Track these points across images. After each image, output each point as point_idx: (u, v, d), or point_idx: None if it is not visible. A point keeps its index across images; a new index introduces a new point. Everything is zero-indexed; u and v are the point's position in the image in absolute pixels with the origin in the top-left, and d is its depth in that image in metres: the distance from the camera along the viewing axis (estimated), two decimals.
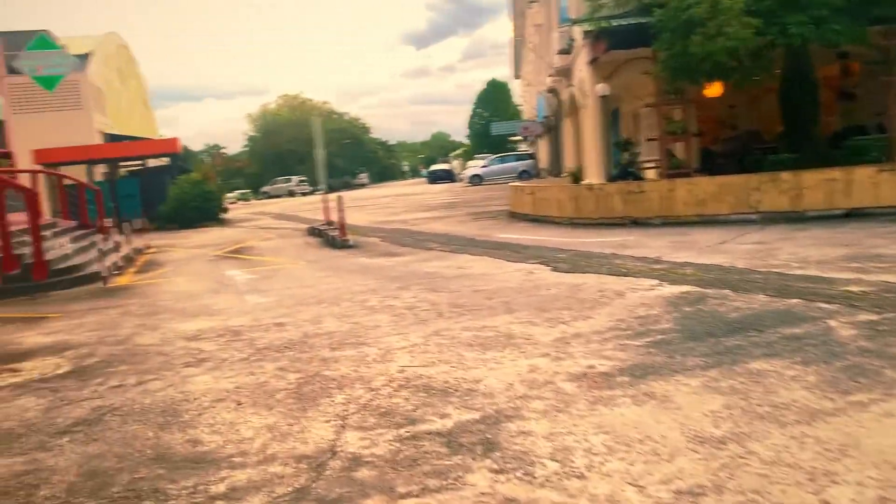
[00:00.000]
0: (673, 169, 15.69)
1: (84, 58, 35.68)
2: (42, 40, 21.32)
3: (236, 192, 65.02)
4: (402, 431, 3.76)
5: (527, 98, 54.33)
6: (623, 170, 16.99)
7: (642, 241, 10.78)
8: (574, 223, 14.05)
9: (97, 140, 32.53)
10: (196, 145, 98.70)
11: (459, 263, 10.02)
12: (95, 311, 8.58)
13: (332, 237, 14.11)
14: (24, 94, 31.01)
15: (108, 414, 4.48)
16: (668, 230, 11.92)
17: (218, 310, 8.00)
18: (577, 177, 23.61)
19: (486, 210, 20.29)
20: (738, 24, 10.44)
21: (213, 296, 9.09)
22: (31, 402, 4.90)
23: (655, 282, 7.32)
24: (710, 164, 18.04)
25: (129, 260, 14.36)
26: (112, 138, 33.93)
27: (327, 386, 4.66)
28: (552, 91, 29.83)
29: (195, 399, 4.63)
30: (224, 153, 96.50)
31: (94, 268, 11.59)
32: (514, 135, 59.51)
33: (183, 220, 24.61)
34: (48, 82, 21.36)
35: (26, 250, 11.18)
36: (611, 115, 19.95)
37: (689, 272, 7.74)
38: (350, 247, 13.39)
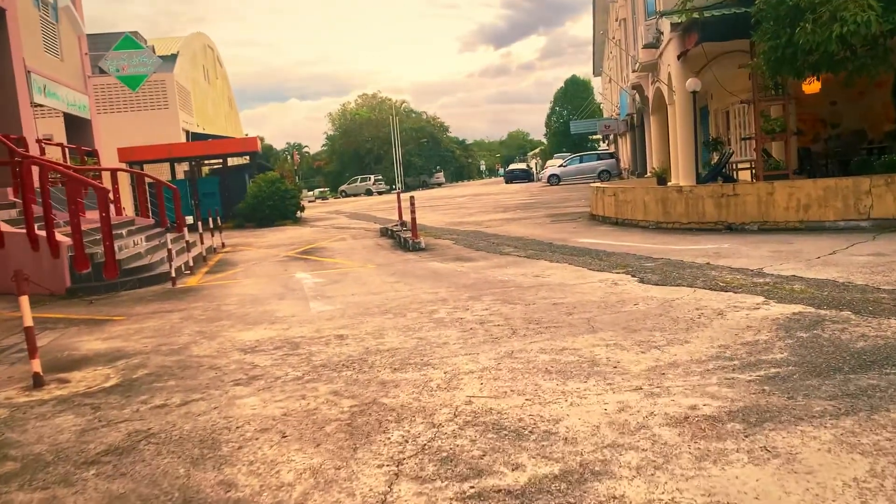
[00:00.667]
0: (770, 170, 14.52)
1: (171, 58, 36.68)
2: (127, 40, 21.78)
3: (316, 191, 66.03)
4: (465, 486, 3.14)
5: (607, 95, 52.84)
6: (714, 170, 15.88)
7: (739, 249, 9.83)
8: (661, 228, 13.12)
9: (182, 139, 33.31)
10: (280, 144, 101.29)
11: (536, 271, 9.34)
12: (158, 315, 8.32)
13: (404, 239, 13.64)
14: (113, 93, 32.06)
15: (144, 441, 4.04)
16: (768, 237, 10.88)
17: (280, 317, 7.59)
18: (662, 177, 22.49)
19: (564, 212, 19.48)
20: (856, 6, 9.32)
21: (277, 301, 8.71)
22: (69, 421, 4.53)
23: (760, 299, 6.46)
24: (809, 165, 16.73)
25: (202, 259, 14.29)
26: (196, 137, 34.73)
27: (384, 418, 4.09)
28: (636, 87, 28.62)
29: (238, 427, 4.14)
30: (306, 152, 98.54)
31: (165, 268, 11.46)
32: (594, 133, 58.17)
33: (260, 219, 24.73)
34: (132, 82, 21.81)
35: (98, 249, 11.14)
36: (698, 112, 18.76)
37: (799, 288, 6.83)
38: (421, 249, 12.88)
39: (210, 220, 16.94)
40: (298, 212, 26.75)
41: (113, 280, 11.02)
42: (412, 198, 14.13)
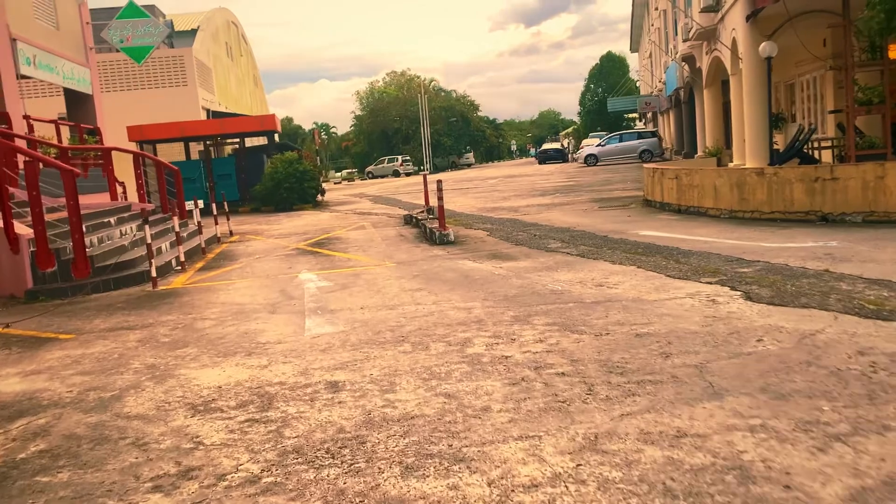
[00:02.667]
0: (864, 149, 12.29)
1: (191, 34, 35.01)
2: (132, 7, 20.01)
3: (343, 172, 64.32)
4: None
5: (648, 68, 50.06)
6: (792, 150, 13.65)
7: (856, 249, 7.69)
8: (736, 217, 10.99)
9: (202, 118, 31.62)
10: (309, 125, 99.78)
11: (597, 277, 7.32)
12: (114, 335, 6.49)
13: (430, 230, 11.67)
14: (128, 69, 30.48)
15: None
16: (883, 232, 8.71)
17: (263, 344, 5.70)
18: (718, 158, 20.24)
19: (611, 196, 17.33)
20: None
21: (267, 316, 6.83)
22: None
23: None
24: None
25: (200, 251, 12.50)
26: (218, 116, 32.99)
27: None
28: (686, 59, 26.15)
29: None
30: (334, 132, 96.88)
31: (146, 265, 9.66)
32: (633, 111, 55.54)
33: (277, 203, 22.95)
34: (137, 53, 20.07)
35: (69, 243, 9.37)
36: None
37: None
38: (450, 243, 10.91)
39: (214, 205, 15.13)
40: (318, 195, 24.94)
41: (84, 279, 9.26)
42: (439, 181, 12.13)
